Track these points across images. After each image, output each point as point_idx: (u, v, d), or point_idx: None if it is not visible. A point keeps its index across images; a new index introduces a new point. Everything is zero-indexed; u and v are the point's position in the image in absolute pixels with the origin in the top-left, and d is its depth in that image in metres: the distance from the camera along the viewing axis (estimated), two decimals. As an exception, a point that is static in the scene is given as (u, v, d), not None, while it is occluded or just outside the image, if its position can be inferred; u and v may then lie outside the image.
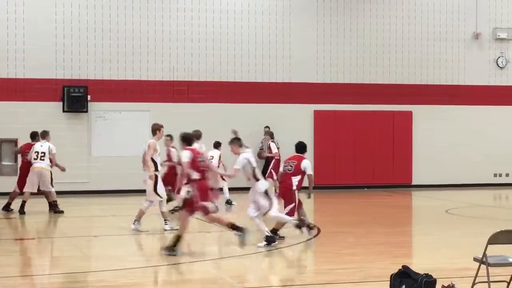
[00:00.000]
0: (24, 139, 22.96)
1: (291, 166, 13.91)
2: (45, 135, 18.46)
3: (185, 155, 12.39)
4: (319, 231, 15.09)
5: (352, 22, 26.15)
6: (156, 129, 15.24)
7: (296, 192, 13.77)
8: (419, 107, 26.64)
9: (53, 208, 18.15)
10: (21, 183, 18.33)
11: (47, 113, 23.23)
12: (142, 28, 24.30)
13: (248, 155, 13.31)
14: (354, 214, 17.71)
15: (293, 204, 13.73)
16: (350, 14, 26.10)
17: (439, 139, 26.77)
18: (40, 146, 18.12)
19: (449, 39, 27.04)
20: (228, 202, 20.35)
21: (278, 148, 21.95)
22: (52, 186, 18.22)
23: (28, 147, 18.58)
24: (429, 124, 26.72)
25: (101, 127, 23.51)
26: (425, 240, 14.46)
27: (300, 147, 14.36)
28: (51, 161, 18.05)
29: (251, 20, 25.29)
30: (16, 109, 23.14)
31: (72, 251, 13.17)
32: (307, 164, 13.99)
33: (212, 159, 20.06)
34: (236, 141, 13.62)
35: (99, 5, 23.96)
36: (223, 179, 20.06)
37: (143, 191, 14.26)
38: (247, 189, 13.53)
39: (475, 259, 8.84)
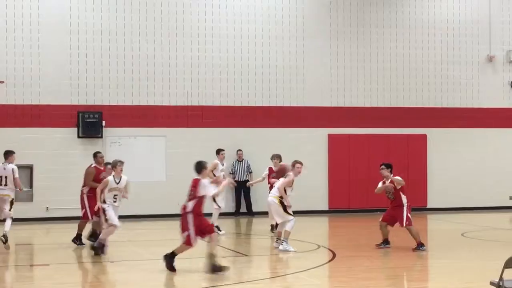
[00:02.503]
0: (39, 165, 23.19)
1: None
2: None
3: None
4: (334, 255, 15.05)
5: (366, 46, 26.21)
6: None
7: None
8: (434, 130, 26.60)
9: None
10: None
11: (62, 138, 23.38)
12: (156, 54, 24.45)
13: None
14: (369, 238, 17.61)
15: None
16: (363, 38, 26.18)
17: (454, 162, 26.71)
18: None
19: (462, 62, 27.05)
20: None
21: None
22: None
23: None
24: (444, 147, 26.68)
25: (116, 153, 23.44)
26: (441, 263, 14.38)
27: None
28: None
29: (264, 45, 25.39)
30: (32, 135, 23.27)
31: (88, 277, 13.15)
32: None
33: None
34: None
35: (113, 31, 24.14)
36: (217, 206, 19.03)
37: (157, 216, 14.06)
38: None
39: (491, 283, 8.79)
